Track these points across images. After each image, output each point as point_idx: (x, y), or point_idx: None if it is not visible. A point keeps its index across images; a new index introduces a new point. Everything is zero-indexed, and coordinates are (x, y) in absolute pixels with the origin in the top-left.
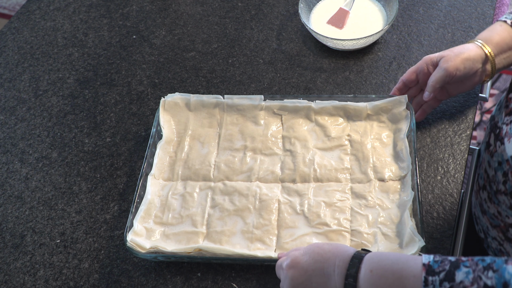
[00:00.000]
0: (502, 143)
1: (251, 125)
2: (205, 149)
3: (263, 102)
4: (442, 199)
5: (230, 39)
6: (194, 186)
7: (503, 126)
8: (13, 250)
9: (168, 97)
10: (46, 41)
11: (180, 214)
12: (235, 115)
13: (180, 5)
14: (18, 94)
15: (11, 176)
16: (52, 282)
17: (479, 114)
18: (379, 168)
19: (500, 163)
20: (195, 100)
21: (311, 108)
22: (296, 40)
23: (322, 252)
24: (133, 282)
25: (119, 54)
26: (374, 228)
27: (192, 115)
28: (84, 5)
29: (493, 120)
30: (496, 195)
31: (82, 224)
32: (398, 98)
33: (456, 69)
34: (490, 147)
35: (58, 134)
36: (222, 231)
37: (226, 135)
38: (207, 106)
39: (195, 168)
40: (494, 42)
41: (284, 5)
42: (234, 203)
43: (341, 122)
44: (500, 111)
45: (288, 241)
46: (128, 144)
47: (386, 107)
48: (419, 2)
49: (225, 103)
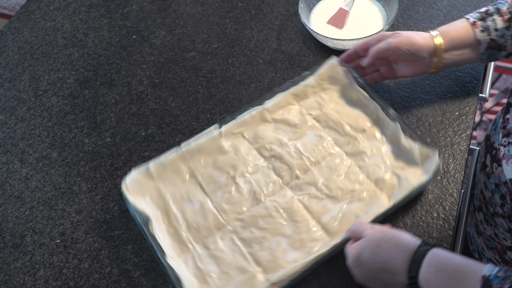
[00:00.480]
0: (500, 165)
1: (221, 157)
2: (196, 204)
3: (219, 130)
4: (442, 199)
5: (230, 39)
6: (215, 241)
7: (501, 147)
8: (13, 250)
9: (127, 179)
10: (46, 41)
11: (224, 272)
12: (200, 157)
13: (180, 5)
14: (18, 94)
15: (11, 176)
16: (52, 282)
17: (479, 114)
18: (354, 124)
19: (497, 185)
20: (154, 167)
21: (264, 111)
22: (296, 40)
23: (381, 252)
24: (133, 282)
25: (119, 54)
26: (388, 170)
27: (160, 182)
28: (84, 5)
29: (489, 140)
30: (493, 217)
31: (82, 224)
32: (330, 61)
33: (399, 46)
34: (486, 168)
35: (58, 134)
36: (274, 255)
37: (206, 179)
38: (168, 167)
39: (202, 224)
40: (449, 37)
41: (284, 5)
42: (264, 227)
43: (295, 108)
44: (496, 131)
45: (335, 224)
46: (128, 144)
47: (323, 75)
48: (419, 2)
49: (184, 152)
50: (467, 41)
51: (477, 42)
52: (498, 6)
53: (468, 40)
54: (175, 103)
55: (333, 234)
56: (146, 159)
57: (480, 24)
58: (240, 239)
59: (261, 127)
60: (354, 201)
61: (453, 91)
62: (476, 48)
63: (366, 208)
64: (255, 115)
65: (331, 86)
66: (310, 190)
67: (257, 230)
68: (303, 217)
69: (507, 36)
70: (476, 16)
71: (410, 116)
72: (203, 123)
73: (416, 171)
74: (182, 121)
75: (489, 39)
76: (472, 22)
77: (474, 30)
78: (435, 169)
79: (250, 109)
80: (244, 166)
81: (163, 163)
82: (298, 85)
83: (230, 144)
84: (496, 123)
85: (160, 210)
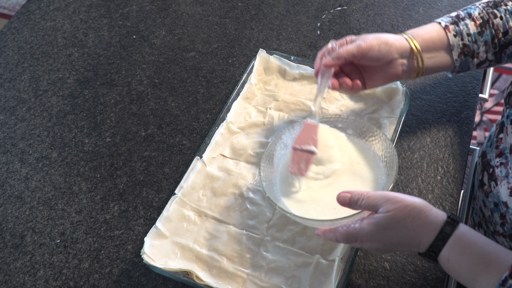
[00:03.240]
0: (497, 183)
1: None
2: (223, 236)
3: (201, 160)
4: (442, 199)
5: (230, 39)
6: (262, 257)
7: (495, 168)
8: (13, 250)
9: (145, 249)
10: (46, 41)
11: (289, 278)
12: (198, 194)
13: (180, 5)
14: (18, 94)
15: (11, 176)
16: (52, 282)
17: (479, 114)
18: (312, 97)
19: (496, 204)
20: (162, 225)
21: (229, 124)
22: (296, 40)
23: (407, 231)
24: (133, 282)
25: (119, 54)
26: (364, 118)
27: (175, 236)
28: (84, 5)
29: (485, 158)
30: (494, 235)
31: (82, 224)
32: (259, 55)
33: (369, 48)
34: (484, 186)
35: (58, 134)
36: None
37: (216, 210)
38: (174, 218)
39: (240, 249)
40: (421, 38)
41: (284, 5)
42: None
43: (253, 110)
44: (491, 148)
45: None
46: (128, 144)
47: (259, 70)
48: (419, 2)
49: (181, 197)
50: (440, 44)
51: (451, 46)
52: (469, 11)
53: (441, 43)
54: (175, 103)
55: None
56: (146, 159)
57: (452, 28)
58: (284, 241)
59: (234, 140)
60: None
61: (453, 91)
62: (449, 53)
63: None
64: (223, 132)
65: (272, 76)
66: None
67: (293, 226)
68: None
69: (480, 42)
70: (448, 20)
71: (410, 116)
72: (203, 123)
73: (388, 107)
74: (182, 121)
75: (462, 44)
76: (444, 25)
77: (447, 34)
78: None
79: (216, 128)
80: (243, 180)
81: (168, 217)
82: (244, 88)
83: (217, 168)
84: (491, 139)
85: (192, 261)
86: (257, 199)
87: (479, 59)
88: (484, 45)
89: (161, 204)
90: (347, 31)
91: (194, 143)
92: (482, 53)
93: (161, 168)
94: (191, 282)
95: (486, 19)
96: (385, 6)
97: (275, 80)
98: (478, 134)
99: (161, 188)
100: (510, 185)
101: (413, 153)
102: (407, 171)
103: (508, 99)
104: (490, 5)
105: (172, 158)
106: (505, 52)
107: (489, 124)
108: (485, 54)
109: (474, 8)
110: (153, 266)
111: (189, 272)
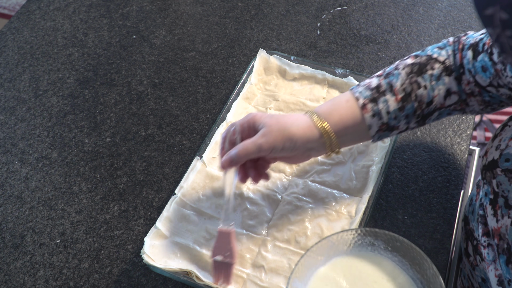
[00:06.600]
0: (482, 259)
1: (216, 183)
2: None
3: (201, 160)
4: (442, 199)
5: (230, 39)
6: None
7: (482, 248)
8: (13, 250)
9: (145, 249)
10: (46, 41)
11: None
12: (198, 194)
13: (180, 5)
14: (18, 94)
15: (11, 176)
16: (52, 282)
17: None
18: (312, 97)
19: (484, 280)
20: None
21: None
22: (296, 40)
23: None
24: (133, 282)
25: (119, 54)
26: None
27: (175, 236)
28: (84, 5)
29: (468, 225)
30: None
31: (82, 224)
32: (259, 55)
33: (272, 147)
34: (469, 257)
35: (58, 134)
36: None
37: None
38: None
39: (240, 249)
40: (333, 122)
41: (284, 5)
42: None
43: (252, 110)
44: (473, 216)
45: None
46: (128, 144)
47: (259, 70)
48: (419, 2)
49: (181, 197)
50: (355, 126)
51: (367, 127)
52: (391, 80)
53: (356, 126)
54: (175, 103)
55: (357, 192)
56: (146, 159)
57: (370, 108)
58: (284, 241)
59: None
60: (355, 155)
61: None
62: (366, 132)
63: (369, 157)
64: None
65: (272, 76)
66: (314, 168)
67: (293, 225)
68: (325, 192)
69: (401, 117)
70: (367, 95)
71: None
72: (203, 123)
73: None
74: (182, 121)
75: (381, 123)
76: (362, 105)
77: (363, 116)
78: None
79: (216, 128)
80: None
81: (168, 217)
82: (244, 88)
83: (217, 168)
84: (473, 205)
85: (192, 261)
86: (257, 199)
87: (399, 130)
88: (405, 119)
89: (161, 204)
90: (347, 31)
91: (194, 143)
92: (402, 126)
93: (161, 168)
94: (191, 282)
95: (408, 91)
96: (385, 6)
97: (275, 80)
98: (478, 134)
99: (161, 188)
100: (497, 272)
101: (413, 153)
102: (407, 171)
103: (485, 174)
104: (415, 71)
105: (172, 158)
106: (430, 118)
107: (489, 124)
108: (406, 125)
109: (397, 76)
110: (153, 266)
111: (189, 272)
